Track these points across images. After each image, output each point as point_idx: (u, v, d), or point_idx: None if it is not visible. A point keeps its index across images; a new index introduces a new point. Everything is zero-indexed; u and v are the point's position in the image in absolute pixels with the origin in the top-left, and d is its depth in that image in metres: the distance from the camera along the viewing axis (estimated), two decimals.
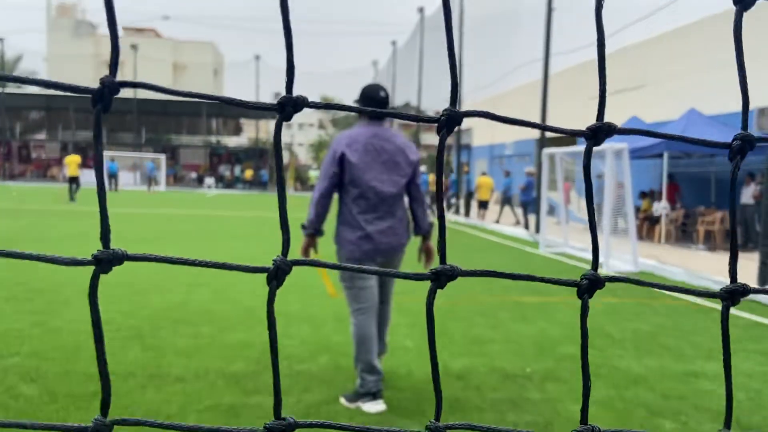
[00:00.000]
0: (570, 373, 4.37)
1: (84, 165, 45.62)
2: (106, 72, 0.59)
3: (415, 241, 4.04)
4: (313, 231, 3.72)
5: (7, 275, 7.20)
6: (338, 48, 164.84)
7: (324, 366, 4.29)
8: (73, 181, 22.45)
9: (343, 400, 3.63)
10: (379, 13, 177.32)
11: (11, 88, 48.40)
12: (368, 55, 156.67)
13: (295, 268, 0.82)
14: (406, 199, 3.86)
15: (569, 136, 0.75)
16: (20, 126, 48.11)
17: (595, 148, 0.70)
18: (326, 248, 3.92)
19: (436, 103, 32.13)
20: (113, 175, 30.30)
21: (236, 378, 3.97)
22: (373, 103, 3.64)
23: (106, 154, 29.70)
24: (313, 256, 3.69)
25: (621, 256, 10.62)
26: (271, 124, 51.40)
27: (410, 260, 4.06)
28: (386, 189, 3.63)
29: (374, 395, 3.54)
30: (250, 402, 3.57)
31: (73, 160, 22.93)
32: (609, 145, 10.45)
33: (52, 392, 3.59)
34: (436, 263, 0.90)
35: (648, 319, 6.28)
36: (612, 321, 6.12)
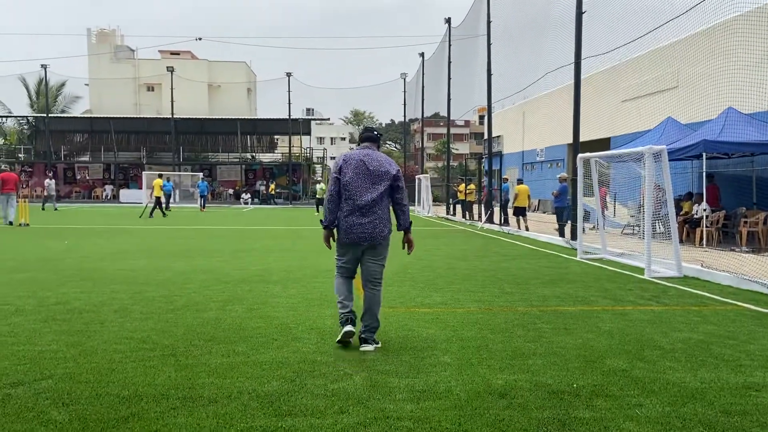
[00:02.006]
0: (620, 388, 4.13)
1: (125, 185, 46.83)
2: (144, 94, 0.46)
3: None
4: (328, 224, 5.19)
5: (46, 295, 7.27)
6: (367, 62, 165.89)
7: (360, 385, 4.14)
8: (158, 201, 25.65)
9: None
10: (407, 26, 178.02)
11: (56, 112, 50.01)
12: (397, 67, 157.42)
13: (330, 284, 1.60)
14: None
15: (604, 140, 0.60)
16: (65, 148, 49.57)
17: (633, 150, 0.54)
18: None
19: (465, 113, 31.85)
20: (169, 195, 31.34)
21: (270, 399, 3.84)
22: (369, 133, 5.33)
23: (165, 174, 31.06)
24: (332, 243, 5.33)
25: (663, 261, 10.26)
26: (305, 139, 51.90)
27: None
28: (367, 196, 5.02)
29: (345, 324, 5.11)
30: (284, 425, 3.44)
31: (157, 183, 26.01)
32: (647, 148, 10.12)
33: (82, 417, 3.51)
34: (415, 251, 2.41)
35: (698, 328, 5.97)
36: (660, 331, 5.83)
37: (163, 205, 26.39)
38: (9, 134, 52.09)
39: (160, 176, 28.40)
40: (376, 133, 5.35)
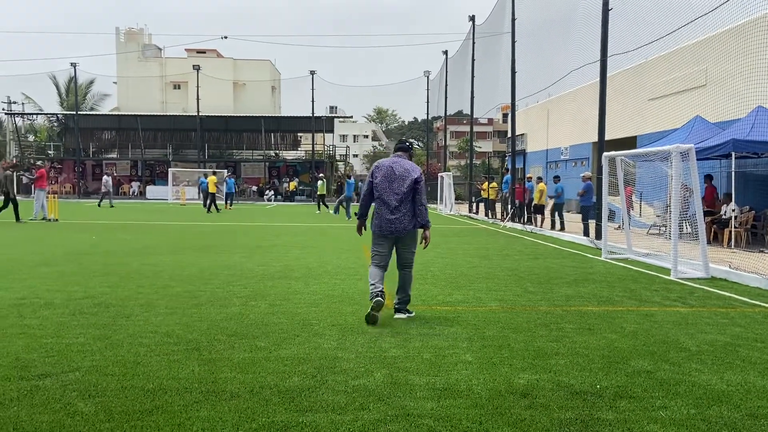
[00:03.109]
0: (644, 389, 4.07)
1: (152, 182, 47.53)
2: (171, 92, 0.46)
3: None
4: (360, 216, 6.32)
5: (74, 289, 7.41)
6: (391, 60, 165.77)
7: (381, 382, 4.15)
8: (211, 196, 27.34)
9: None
10: (430, 24, 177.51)
11: (85, 110, 50.98)
12: (420, 65, 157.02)
13: (352, 281, 4.21)
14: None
15: (629, 138, 0.59)
16: (93, 145, 50.50)
17: (659, 148, 0.53)
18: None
19: (488, 111, 31.66)
20: (231, 193, 32.02)
21: (291, 394, 3.87)
22: (402, 144, 6.36)
23: (203, 172, 32.05)
24: (363, 232, 6.40)
25: (690, 261, 10.09)
26: (327, 137, 52.11)
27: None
28: (392, 197, 5.97)
29: (375, 297, 5.81)
30: (305, 420, 3.46)
31: (212, 180, 27.59)
32: (674, 146, 9.96)
33: (108, 409, 3.58)
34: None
35: (725, 330, 5.86)
36: (686, 332, 5.74)
37: (216, 202, 27.52)
38: (39, 131, 53.22)
39: (214, 173, 29.09)
40: (407, 144, 6.39)
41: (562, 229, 18.32)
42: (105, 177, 32.31)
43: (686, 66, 19.95)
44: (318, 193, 28.33)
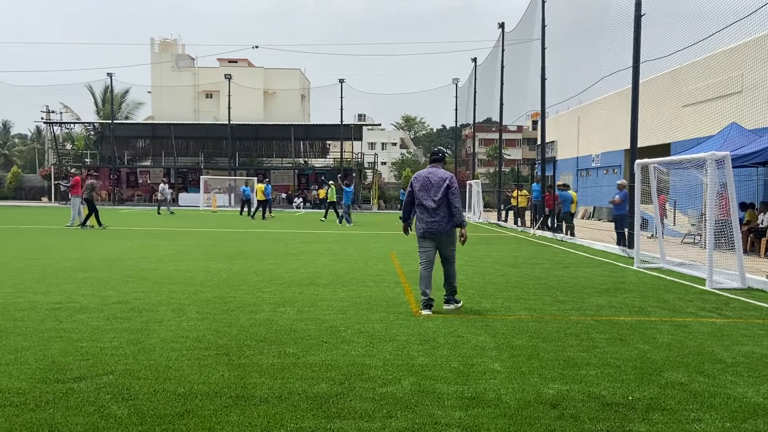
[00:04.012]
0: (678, 401, 3.99)
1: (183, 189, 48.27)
2: (203, 100, 0.48)
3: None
4: (404, 219, 7.17)
5: (109, 293, 7.57)
6: (420, 68, 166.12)
7: (408, 390, 4.14)
8: (261, 203, 28.01)
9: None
10: (458, 31, 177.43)
11: (121, 119, 52.20)
12: (449, 72, 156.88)
13: (379, 289, 5.21)
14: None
15: (662, 146, 0.58)
16: (128, 153, 51.62)
17: (694, 156, 0.52)
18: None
19: (517, 118, 31.43)
20: (248, 200, 31.27)
21: (319, 401, 3.89)
22: (435, 155, 7.14)
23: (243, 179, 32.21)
24: (409, 232, 7.28)
25: (725, 271, 9.86)
26: (356, 145, 52.37)
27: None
28: (430, 203, 6.79)
29: (425, 307, 6.76)
30: (333, 427, 3.47)
31: (259, 187, 28.02)
32: (710, 154, 9.76)
33: (141, 412, 3.64)
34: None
35: (762, 342, 5.70)
36: (721, 344, 5.60)
37: (261, 209, 28.06)
38: (77, 140, 54.58)
39: (261, 181, 29.28)
40: (440, 154, 7.20)
41: (566, 234, 18.18)
42: (162, 185, 32.50)
43: (722, 72, 19.57)
44: (328, 200, 27.22)
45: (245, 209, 30.89)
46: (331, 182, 28.94)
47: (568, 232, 19.36)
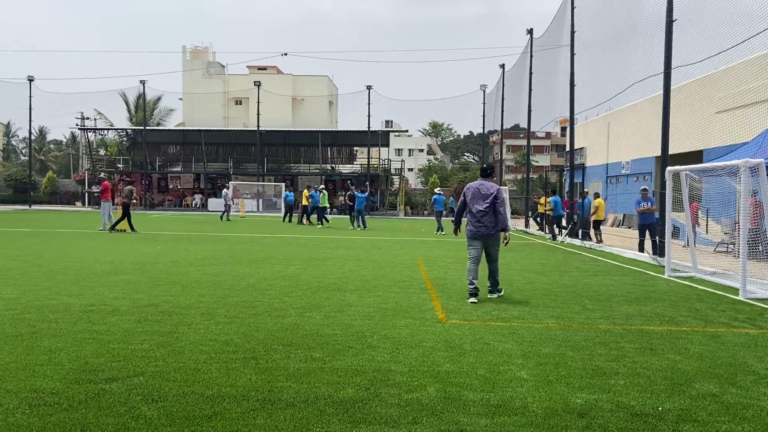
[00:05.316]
0: (709, 413, 3.91)
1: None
2: (233, 107, 0.51)
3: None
4: (455, 223, 8.73)
5: (139, 297, 7.71)
6: (447, 74, 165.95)
7: (434, 396, 4.14)
8: (305, 209, 28.52)
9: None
10: (487, 38, 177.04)
11: (153, 125, 53.22)
12: (476, 79, 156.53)
13: (405, 295, 8.36)
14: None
15: (695, 152, 0.59)
16: (159, 159, 52.56)
17: (728, 163, 0.53)
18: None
19: (546, 124, 31.16)
20: (292, 205, 30.94)
21: (345, 406, 3.91)
22: (485, 170, 8.38)
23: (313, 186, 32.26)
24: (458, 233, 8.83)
25: (759, 281, 9.62)
26: (383, 151, 52.51)
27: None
28: (479, 209, 8.06)
29: (471, 295, 8.00)
30: None
31: (305, 194, 28.47)
32: (743, 161, 9.56)
33: (170, 414, 3.71)
34: (510, 243, 8.94)
35: None
36: (754, 355, 5.47)
37: (308, 215, 28.45)
38: (110, 145, 55.78)
39: (308, 188, 29.47)
40: (490, 170, 8.42)
41: (555, 239, 17.96)
42: (225, 190, 32.02)
43: (756, 77, 19.15)
44: (320, 205, 26.84)
45: (288, 216, 30.53)
46: (321, 187, 29.13)
47: (584, 236, 19.20)
